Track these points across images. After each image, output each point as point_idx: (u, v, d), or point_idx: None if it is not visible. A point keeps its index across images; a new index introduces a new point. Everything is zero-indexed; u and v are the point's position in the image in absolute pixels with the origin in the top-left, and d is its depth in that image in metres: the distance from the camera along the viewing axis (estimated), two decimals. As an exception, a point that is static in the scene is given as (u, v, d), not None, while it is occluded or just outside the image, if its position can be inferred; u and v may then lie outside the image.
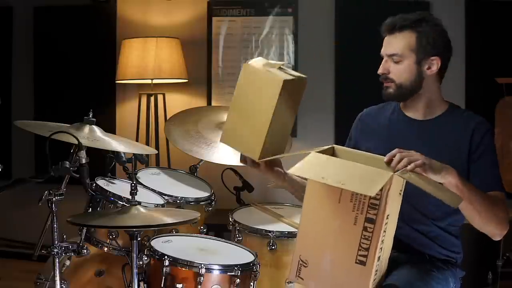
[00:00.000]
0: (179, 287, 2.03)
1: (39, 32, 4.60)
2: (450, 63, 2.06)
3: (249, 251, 2.25)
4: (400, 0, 4.12)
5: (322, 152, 1.77)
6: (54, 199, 2.01)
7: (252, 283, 2.14)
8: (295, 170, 1.68)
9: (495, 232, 1.87)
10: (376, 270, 1.63)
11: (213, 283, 2.06)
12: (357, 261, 1.63)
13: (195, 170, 2.95)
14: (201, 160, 2.88)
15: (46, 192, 2.02)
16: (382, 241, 1.62)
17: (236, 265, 2.08)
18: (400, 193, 1.68)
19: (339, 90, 4.23)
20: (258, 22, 4.31)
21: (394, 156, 1.70)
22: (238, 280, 2.06)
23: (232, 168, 2.97)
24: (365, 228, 1.62)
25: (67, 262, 2.39)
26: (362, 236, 1.62)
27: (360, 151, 1.86)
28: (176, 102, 4.32)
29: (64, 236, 2.13)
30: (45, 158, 1.90)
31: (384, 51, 2.06)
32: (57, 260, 2.05)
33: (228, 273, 2.07)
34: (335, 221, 1.67)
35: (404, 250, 2.02)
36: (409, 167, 1.65)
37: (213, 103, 4.35)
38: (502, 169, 1.96)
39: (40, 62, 4.61)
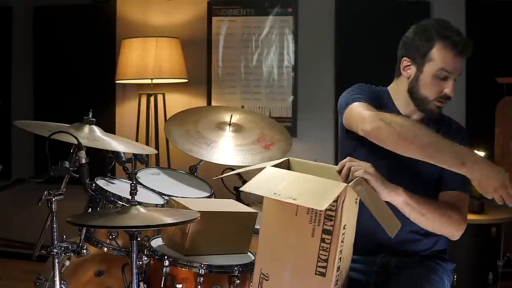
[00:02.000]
0: (179, 287, 2.03)
1: (39, 32, 4.60)
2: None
3: (249, 251, 2.25)
4: (400, 0, 4.11)
5: (278, 165, 1.78)
6: (53, 199, 2.01)
7: (252, 283, 2.14)
8: (248, 188, 1.65)
9: (452, 234, 1.90)
10: (337, 280, 1.65)
11: (213, 283, 2.06)
12: (317, 272, 1.63)
13: (195, 170, 2.95)
14: (201, 160, 2.88)
15: (45, 192, 2.02)
16: (341, 251, 1.63)
17: (236, 265, 2.08)
18: (356, 202, 1.69)
19: (339, 90, 4.20)
20: (258, 22, 4.30)
21: (344, 165, 1.73)
22: (237, 280, 2.06)
23: (232, 168, 2.97)
24: (323, 240, 1.62)
25: (67, 262, 2.39)
26: (321, 248, 1.62)
27: (313, 162, 1.85)
28: (176, 102, 4.32)
29: (64, 236, 2.12)
30: (45, 158, 1.90)
31: (455, 71, 1.97)
32: (56, 260, 2.05)
33: (228, 273, 2.07)
34: (293, 234, 1.67)
35: (395, 254, 2.01)
36: (358, 172, 1.68)
37: (213, 103, 4.34)
38: (502, 169, 1.95)
39: (40, 62, 4.61)
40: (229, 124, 2.99)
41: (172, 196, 2.50)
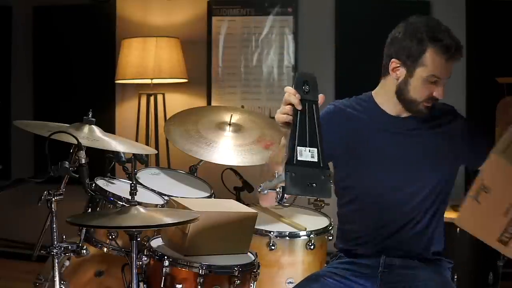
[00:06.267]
0: (179, 287, 2.02)
1: (39, 32, 4.60)
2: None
3: (249, 251, 2.24)
4: (400, 0, 4.11)
5: None
6: (53, 199, 2.01)
7: (252, 283, 2.14)
8: None
9: None
10: None
11: (213, 284, 2.05)
12: None
13: (195, 170, 2.95)
14: (201, 160, 2.88)
15: (45, 192, 2.02)
16: None
17: (236, 265, 2.07)
18: None
19: (339, 90, 4.22)
20: (258, 22, 4.30)
21: None
22: (238, 280, 2.05)
23: (232, 168, 2.97)
24: None
25: (67, 263, 2.38)
26: None
27: None
28: (176, 102, 4.32)
29: (64, 237, 2.12)
30: (44, 158, 1.90)
31: (444, 74, 1.92)
32: (56, 261, 2.05)
33: (228, 274, 2.07)
34: None
35: (398, 255, 2.01)
36: None
37: (213, 103, 4.34)
38: (502, 168, 1.96)
39: (39, 62, 4.61)
40: (229, 124, 2.98)
41: (172, 196, 2.50)
